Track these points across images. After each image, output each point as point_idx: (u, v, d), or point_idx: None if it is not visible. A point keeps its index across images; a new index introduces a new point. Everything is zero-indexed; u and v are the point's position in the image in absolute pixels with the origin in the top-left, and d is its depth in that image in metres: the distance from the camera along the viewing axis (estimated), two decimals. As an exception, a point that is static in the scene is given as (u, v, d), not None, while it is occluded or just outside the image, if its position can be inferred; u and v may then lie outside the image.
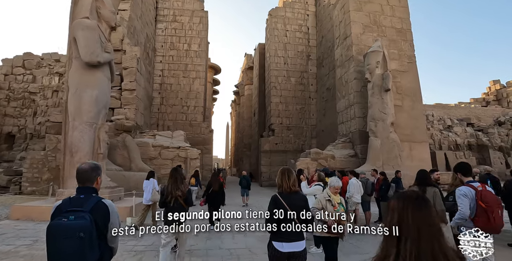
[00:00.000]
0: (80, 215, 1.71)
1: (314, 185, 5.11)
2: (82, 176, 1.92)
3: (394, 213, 1.17)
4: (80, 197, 1.83)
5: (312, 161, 13.45)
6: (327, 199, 3.52)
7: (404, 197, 1.20)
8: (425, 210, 1.15)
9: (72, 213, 1.71)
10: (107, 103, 8.41)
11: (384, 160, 12.57)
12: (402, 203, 1.17)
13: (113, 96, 12.91)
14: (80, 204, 1.78)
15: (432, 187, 3.98)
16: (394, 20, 15.74)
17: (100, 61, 7.86)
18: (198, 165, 11.99)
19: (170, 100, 20.51)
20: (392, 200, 1.24)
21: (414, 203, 1.16)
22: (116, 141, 11.12)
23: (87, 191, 1.88)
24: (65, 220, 1.68)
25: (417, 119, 15.10)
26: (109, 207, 1.85)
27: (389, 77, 12.77)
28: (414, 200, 1.17)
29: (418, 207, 1.15)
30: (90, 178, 1.93)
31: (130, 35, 14.96)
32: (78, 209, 1.74)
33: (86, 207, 1.77)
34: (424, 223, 1.11)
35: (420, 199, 1.19)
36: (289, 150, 21.96)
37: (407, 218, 1.13)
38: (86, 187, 1.91)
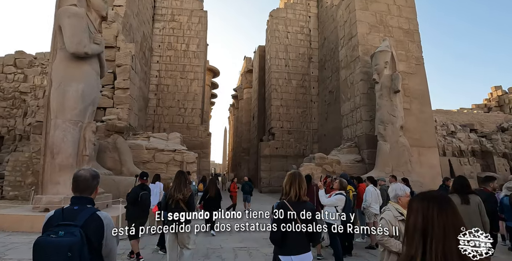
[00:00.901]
0: (70, 230, 1.55)
1: (335, 195, 4.31)
2: (81, 185, 1.76)
3: (418, 214, 1.16)
4: (74, 208, 1.68)
5: (317, 167, 12.65)
6: (399, 219, 2.40)
7: (428, 198, 1.20)
8: (450, 210, 1.15)
9: (63, 228, 1.56)
10: (95, 100, 7.60)
11: (393, 166, 11.80)
12: (427, 204, 1.17)
13: (105, 95, 12.10)
14: (73, 217, 1.63)
15: (474, 195, 3.47)
16: (401, 21, 15.15)
17: (88, 52, 7.07)
18: (195, 170, 11.13)
19: (167, 101, 19.72)
20: (415, 200, 1.23)
21: (439, 204, 1.16)
22: (106, 143, 10.27)
23: (82, 201, 1.73)
24: (53, 236, 1.52)
25: (426, 123, 14.39)
26: (103, 221, 1.68)
27: (399, 78, 12.09)
28: (438, 201, 1.17)
29: (443, 208, 1.15)
30: (89, 187, 1.79)
31: (125, 32, 14.23)
32: (70, 223, 1.59)
33: (78, 220, 1.61)
34: (449, 223, 1.12)
35: (445, 199, 1.19)
36: (290, 155, 21.15)
37: (432, 219, 1.13)
38: (82, 197, 1.75)
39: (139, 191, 5.02)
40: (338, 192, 4.29)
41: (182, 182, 4.04)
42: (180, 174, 4.20)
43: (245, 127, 33.59)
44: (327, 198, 4.26)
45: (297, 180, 2.42)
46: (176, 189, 3.95)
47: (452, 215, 1.14)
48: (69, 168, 6.87)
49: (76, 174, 1.81)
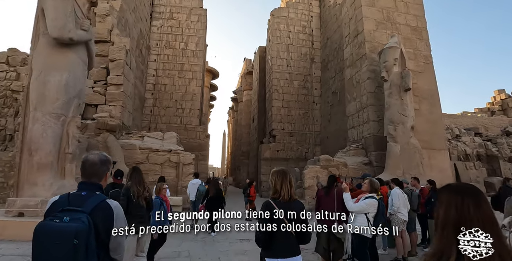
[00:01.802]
0: (77, 216, 1.40)
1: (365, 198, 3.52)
2: (89, 169, 1.62)
3: (451, 208, 1.09)
4: (82, 194, 1.54)
5: (322, 169, 11.87)
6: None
7: (462, 191, 1.12)
8: (485, 205, 1.09)
9: (68, 213, 1.41)
10: (81, 92, 6.84)
11: (404, 169, 11.05)
12: (461, 197, 1.10)
13: (96, 91, 11.35)
14: (80, 203, 1.48)
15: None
16: (409, 18, 14.56)
17: (73, 38, 6.34)
18: (191, 172, 10.33)
19: (164, 101, 18.97)
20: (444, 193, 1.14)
21: (474, 198, 1.09)
22: (95, 142, 9.48)
23: (91, 187, 1.58)
24: (57, 221, 1.38)
25: (435, 124, 13.70)
26: (113, 210, 1.54)
27: (409, 75, 11.42)
28: (474, 195, 1.11)
29: (479, 203, 1.08)
30: (98, 173, 1.64)
31: (120, 27, 13.54)
32: (76, 209, 1.44)
33: (86, 207, 1.46)
34: (487, 219, 1.06)
35: (479, 193, 1.13)
36: (291, 158, 20.37)
37: (469, 214, 1.06)
38: (91, 183, 1.61)
39: (109, 189, 4.46)
40: (368, 196, 3.51)
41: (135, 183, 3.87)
42: (138, 169, 4.14)
43: (244, 130, 32.84)
44: (355, 203, 3.47)
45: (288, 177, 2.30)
46: (141, 185, 3.82)
47: (489, 211, 1.09)
48: (49, 168, 6.10)
49: (84, 158, 1.67)
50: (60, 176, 6.37)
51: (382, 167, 12.41)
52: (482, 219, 1.05)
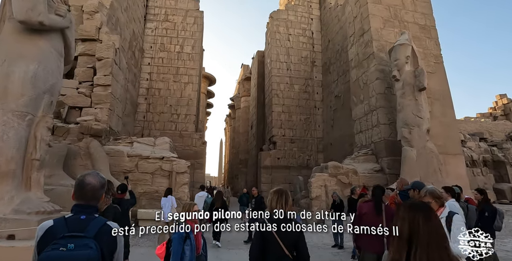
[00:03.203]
0: (83, 242, 1.33)
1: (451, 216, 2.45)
2: (89, 193, 1.52)
3: (405, 222, 1.27)
4: (81, 218, 1.45)
5: (330, 177, 10.81)
6: None
7: (415, 208, 1.31)
8: (434, 220, 1.27)
9: (71, 240, 1.32)
10: (54, 88, 5.78)
11: (421, 176, 10.01)
12: (413, 213, 1.28)
13: (81, 92, 10.30)
14: (81, 228, 1.39)
15: None
16: (417, 16, 13.82)
17: (43, 22, 5.31)
18: (186, 181, 9.21)
19: (158, 107, 17.92)
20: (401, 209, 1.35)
21: (424, 214, 1.27)
22: (77, 148, 8.37)
23: (89, 210, 1.49)
24: (63, 249, 1.28)
25: (449, 127, 12.79)
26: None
27: (424, 73, 10.53)
28: (424, 211, 1.29)
29: (428, 218, 1.26)
30: (96, 196, 1.56)
31: (111, 25, 12.60)
32: (79, 235, 1.35)
33: (88, 232, 1.38)
34: (433, 232, 1.22)
35: (429, 210, 1.32)
36: (293, 165, 19.29)
37: (418, 227, 1.23)
38: (89, 205, 1.51)
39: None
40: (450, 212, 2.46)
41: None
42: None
43: (242, 138, 31.79)
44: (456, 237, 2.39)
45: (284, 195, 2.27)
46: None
47: (437, 225, 1.26)
48: (10, 177, 4.98)
49: (82, 181, 1.55)
50: (25, 188, 5.25)
51: (395, 174, 11.37)
52: (429, 232, 1.23)
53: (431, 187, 2.51)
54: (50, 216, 5.21)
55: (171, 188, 7.82)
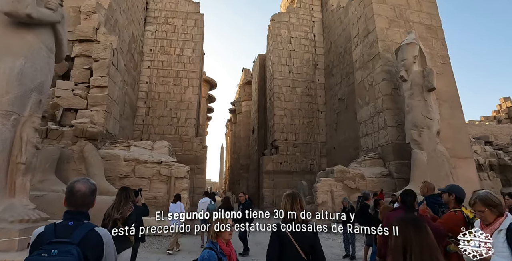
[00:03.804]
0: (65, 248, 1.34)
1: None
2: (78, 200, 1.55)
3: (398, 236, 1.42)
4: (69, 224, 1.48)
5: (337, 182, 10.33)
6: None
7: (406, 221, 1.46)
8: (424, 232, 1.40)
9: (56, 246, 1.35)
10: (43, 86, 5.38)
11: (432, 180, 9.51)
12: (405, 226, 1.43)
13: (77, 94, 9.91)
14: (67, 234, 1.42)
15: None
16: (422, 16, 13.50)
17: (31, 14, 4.94)
18: (185, 187, 8.75)
19: (158, 110, 17.54)
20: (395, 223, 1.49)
21: (415, 226, 1.41)
22: (70, 151, 7.94)
23: (78, 217, 1.52)
24: (45, 255, 1.32)
25: (458, 129, 12.32)
26: (103, 238, 1.49)
27: (433, 73, 10.13)
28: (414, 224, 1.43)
29: (419, 230, 1.40)
30: (86, 203, 1.58)
31: (109, 26, 12.30)
32: (64, 241, 1.38)
33: (74, 237, 1.41)
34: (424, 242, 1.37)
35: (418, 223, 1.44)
36: (296, 170, 18.79)
37: (410, 238, 1.38)
38: (78, 211, 1.54)
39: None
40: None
41: (123, 200, 3.69)
42: (122, 191, 3.86)
43: (243, 142, 31.30)
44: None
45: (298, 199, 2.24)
46: (115, 207, 3.61)
47: (427, 236, 1.39)
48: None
49: (72, 187, 1.58)
50: (9, 193, 4.82)
51: (404, 179, 10.91)
52: (420, 242, 1.37)
53: (483, 192, 2.04)
54: (35, 224, 4.76)
55: (180, 194, 7.58)
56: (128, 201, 3.75)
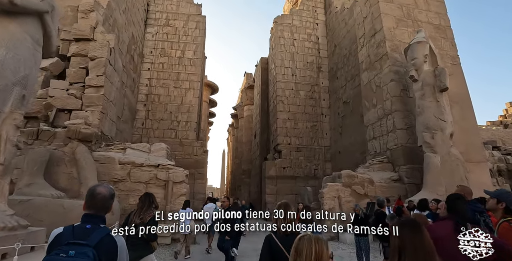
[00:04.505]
0: (82, 250, 1.40)
1: None
2: (98, 203, 1.62)
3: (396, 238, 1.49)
4: (86, 227, 1.54)
5: (344, 188, 9.75)
6: None
7: (403, 224, 1.53)
8: (419, 234, 1.45)
9: (73, 247, 1.40)
10: (28, 80, 4.91)
11: (447, 185, 8.95)
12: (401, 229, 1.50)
13: (72, 94, 9.47)
14: (85, 236, 1.48)
15: None
16: (430, 15, 13.07)
17: (15, 1, 4.52)
18: (184, 192, 8.21)
19: (158, 113, 17.10)
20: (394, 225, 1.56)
21: (411, 230, 1.47)
22: (61, 153, 7.44)
23: (95, 220, 1.58)
24: (63, 255, 1.37)
25: (470, 132, 11.77)
26: (117, 243, 1.56)
27: (445, 73, 9.64)
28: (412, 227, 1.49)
29: (413, 233, 1.45)
30: (106, 206, 1.66)
31: (107, 26, 11.94)
32: (81, 242, 1.43)
33: (91, 240, 1.46)
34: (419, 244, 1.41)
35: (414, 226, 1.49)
36: (299, 175, 18.20)
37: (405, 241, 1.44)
38: (96, 215, 1.60)
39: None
40: None
41: (145, 206, 3.64)
42: (145, 197, 3.84)
43: (245, 147, 30.78)
44: None
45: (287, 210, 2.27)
46: (137, 213, 3.62)
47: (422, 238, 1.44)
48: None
49: (93, 190, 1.65)
50: (-16, 198, 4.31)
51: (415, 184, 10.33)
52: (415, 245, 1.41)
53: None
54: (11, 233, 4.24)
55: (189, 200, 7.40)
56: (151, 207, 3.71)
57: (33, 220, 6.10)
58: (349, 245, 8.16)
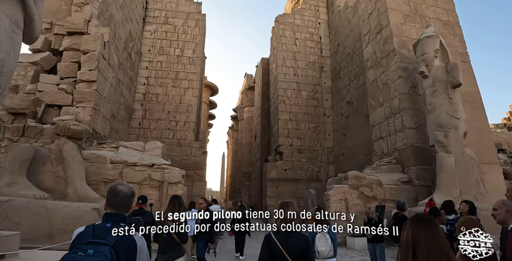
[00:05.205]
0: (100, 249, 1.39)
1: None
2: (120, 201, 1.61)
3: (409, 232, 1.45)
4: (106, 226, 1.54)
5: (351, 190, 9.16)
6: None
7: (417, 219, 1.51)
8: (433, 229, 1.43)
9: (92, 246, 1.40)
10: (3, 65, 4.37)
11: (462, 187, 8.37)
12: (414, 224, 1.48)
13: (62, 88, 8.93)
14: (104, 235, 1.47)
15: None
16: (438, 11, 12.61)
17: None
18: (180, 194, 7.62)
19: (155, 113, 16.56)
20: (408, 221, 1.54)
21: (424, 224, 1.46)
22: (47, 150, 6.88)
23: (116, 219, 1.57)
24: (81, 254, 1.37)
25: (482, 132, 11.23)
26: (137, 242, 1.53)
27: (458, 68, 9.11)
28: (424, 222, 1.48)
29: (428, 229, 1.43)
30: (127, 204, 1.65)
31: (103, 20, 11.45)
32: (100, 241, 1.43)
33: (109, 239, 1.45)
34: (432, 239, 1.39)
35: (429, 221, 1.49)
36: (301, 178, 17.60)
37: (419, 237, 1.41)
38: (117, 214, 1.60)
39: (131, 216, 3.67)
40: None
41: (176, 209, 3.62)
42: (174, 199, 3.84)
43: (245, 149, 30.19)
44: None
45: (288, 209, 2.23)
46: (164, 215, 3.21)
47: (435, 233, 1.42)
48: None
49: (115, 188, 1.64)
50: None
51: (426, 186, 9.75)
52: (429, 242, 1.38)
53: None
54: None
55: (194, 202, 7.24)
56: (180, 210, 3.66)
57: (11, 223, 5.52)
58: (358, 252, 7.56)
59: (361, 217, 8.97)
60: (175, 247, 3.47)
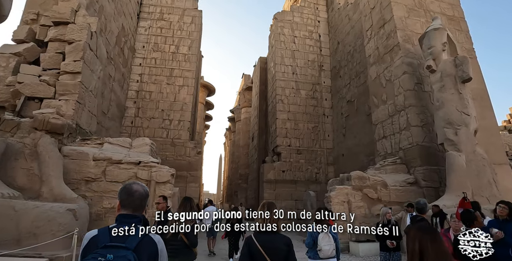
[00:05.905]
0: (121, 253, 1.30)
1: None
2: (136, 201, 1.49)
3: (416, 242, 1.52)
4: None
5: (355, 191, 8.55)
6: None
7: (423, 230, 1.59)
8: (439, 241, 1.51)
9: (111, 250, 1.30)
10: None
11: (473, 188, 7.78)
12: (421, 235, 1.54)
13: (44, 80, 8.29)
14: (122, 238, 1.38)
15: None
16: (443, 6, 12.13)
17: None
18: (168, 194, 6.97)
19: (148, 111, 15.91)
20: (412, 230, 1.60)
21: (431, 235, 1.53)
22: (20, 145, 6.22)
23: (132, 220, 1.45)
24: (101, 259, 1.27)
25: (490, 132, 10.69)
26: (158, 245, 1.45)
27: (467, 62, 8.58)
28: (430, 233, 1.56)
29: (434, 239, 1.50)
30: (143, 204, 1.53)
31: (92, 12, 10.83)
32: (120, 245, 1.34)
33: (129, 243, 1.36)
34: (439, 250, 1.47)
35: (435, 232, 1.58)
36: (300, 179, 16.97)
37: (427, 246, 1.49)
38: (133, 215, 1.47)
39: None
40: None
41: (187, 210, 3.49)
42: (185, 201, 3.82)
43: (242, 151, 29.53)
44: None
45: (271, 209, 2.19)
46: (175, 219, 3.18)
47: (442, 245, 1.51)
48: None
49: (130, 188, 1.51)
50: None
51: (433, 188, 9.17)
52: (436, 251, 1.47)
53: None
54: None
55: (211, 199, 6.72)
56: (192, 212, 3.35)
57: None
58: (363, 258, 6.93)
59: (364, 221, 8.36)
60: (186, 250, 3.40)
